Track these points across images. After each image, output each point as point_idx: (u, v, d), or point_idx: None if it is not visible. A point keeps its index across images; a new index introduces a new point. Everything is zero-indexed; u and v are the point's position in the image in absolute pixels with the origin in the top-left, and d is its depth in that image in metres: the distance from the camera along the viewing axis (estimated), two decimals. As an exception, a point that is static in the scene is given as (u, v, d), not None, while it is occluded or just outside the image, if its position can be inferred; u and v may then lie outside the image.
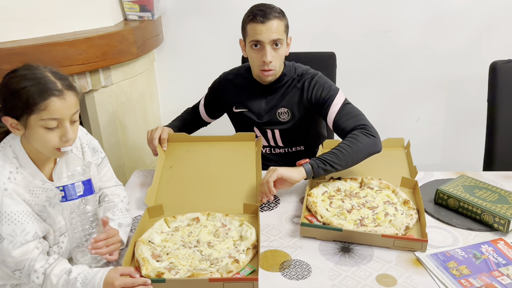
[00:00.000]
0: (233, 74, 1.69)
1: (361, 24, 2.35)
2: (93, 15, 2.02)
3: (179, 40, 2.47)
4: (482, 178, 1.47)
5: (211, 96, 1.75)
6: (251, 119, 1.64)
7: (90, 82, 1.96)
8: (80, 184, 1.06)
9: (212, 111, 1.77)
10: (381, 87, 2.49)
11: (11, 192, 1.04)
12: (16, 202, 1.04)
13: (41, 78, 1.02)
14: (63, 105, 1.03)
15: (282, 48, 1.50)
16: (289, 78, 1.58)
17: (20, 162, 1.08)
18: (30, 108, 1.00)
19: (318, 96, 1.52)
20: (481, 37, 2.33)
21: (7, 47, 1.70)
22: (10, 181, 1.05)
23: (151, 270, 1.07)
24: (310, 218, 1.27)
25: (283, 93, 1.59)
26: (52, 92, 1.01)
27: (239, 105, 1.66)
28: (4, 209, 1.02)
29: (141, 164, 2.38)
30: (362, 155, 1.39)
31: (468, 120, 2.51)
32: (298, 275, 1.08)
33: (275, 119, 1.60)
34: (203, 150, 1.57)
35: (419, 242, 1.13)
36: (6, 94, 1.02)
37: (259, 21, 1.45)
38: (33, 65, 1.06)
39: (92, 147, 1.27)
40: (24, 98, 1.00)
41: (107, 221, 1.15)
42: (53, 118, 1.02)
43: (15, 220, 1.03)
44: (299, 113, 1.59)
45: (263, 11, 1.45)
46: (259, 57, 1.49)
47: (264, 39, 1.46)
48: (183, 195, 1.41)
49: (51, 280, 1.02)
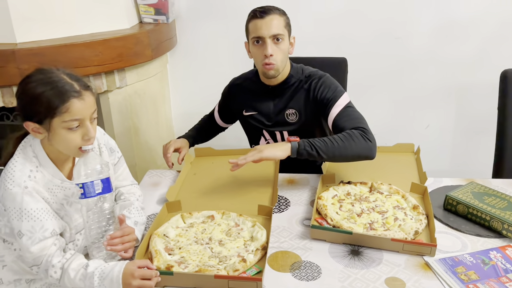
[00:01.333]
0: (242, 79, 1.73)
1: (372, 30, 2.37)
2: (109, 18, 2.06)
3: (192, 43, 2.51)
4: (491, 185, 1.48)
5: (223, 102, 1.79)
6: (261, 122, 1.66)
7: (105, 83, 2.00)
8: (99, 182, 1.09)
9: (226, 116, 1.81)
10: (392, 93, 2.50)
11: (31, 190, 1.07)
12: (36, 199, 1.08)
13: (58, 81, 1.05)
14: (83, 105, 1.06)
15: (283, 43, 1.51)
16: (296, 80, 1.60)
17: (40, 161, 1.11)
18: (52, 111, 1.03)
19: (323, 96, 1.53)
20: (491, 44, 2.34)
21: (25, 48, 1.75)
22: (30, 179, 1.08)
23: (162, 262, 1.11)
24: (320, 220, 1.29)
25: (291, 94, 1.61)
26: (71, 94, 1.04)
27: (249, 109, 1.68)
28: (25, 206, 1.06)
29: (152, 165, 2.41)
30: (352, 154, 1.39)
31: (478, 127, 2.52)
32: (308, 276, 1.10)
33: (283, 120, 1.63)
34: (226, 162, 1.62)
35: (428, 247, 1.15)
36: (26, 100, 1.05)
37: (259, 17, 1.49)
38: (46, 69, 1.08)
39: (109, 147, 1.30)
40: (45, 103, 1.03)
41: (123, 219, 1.18)
42: (74, 119, 1.05)
43: (35, 217, 1.07)
44: (306, 114, 1.60)
45: (262, 8, 1.51)
46: (260, 52, 1.51)
47: (264, 34, 1.48)
48: (201, 196, 1.46)
49: (68, 274, 1.06)
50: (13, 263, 1.18)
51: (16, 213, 1.06)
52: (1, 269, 1.18)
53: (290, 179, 1.58)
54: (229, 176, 1.57)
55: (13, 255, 1.18)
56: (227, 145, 1.94)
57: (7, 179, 1.07)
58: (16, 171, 1.08)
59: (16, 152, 1.12)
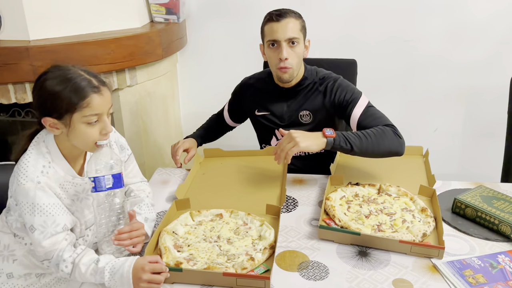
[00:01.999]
0: (255, 79, 1.73)
1: (382, 32, 2.37)
2: (121, 17, 2.09)
3: (202, 43, 2.52)
4: (500, 189, 1.48)
5: (234, 101, 1.80)
6: (273, 122, 1.67)
7: (116, 81, 2.02)
8: (110, 177, 1.11)
9: (236, 116, 1.82)
10: (401, 95, 2.50)
11: (43, 185, 1.09)
12: (48, 195, 1.10)
13: (77, 77, 1.07)
14: (102, 100, 1.09)
15: (298, 47, 1.53)
16: (311, 82, 1.61)
17: (52, 157, 1.13)
18: (73, 106, 1.05)
19: (342, 98, 1.55)
20: (502, 49, 2.33)
21: (39, 45, 1.78)
22: (43, 175, 1.10)
23: (171, 259, 1.12)
24: (328, 221, 1.30)
25: (305, 96, 1.62)
26: (91, 89, 1.07)
27: (261, 109, 1.70)
28: (37, 201, 1.08)
29: (160, 163, 2.43)
30: (384, 150, 1.41)
31: (487, 131, 2.51)
32: (316, 276, 1.10)
33: (297, 121, 1.64)
34: (235, 162, 1.68)
35: (436, 249, 1.15)
36: (45, 96, 1.07)
37: (275, 20, 1.50)
38: (63, 65, 1.10)
39: (120, 145, 1.32)
40: (66, 98, 1.05)
41: (133, 214, 1.20)
42: (94, 114, 1.08)
43: (47, 212, 1.08)
44: (320, 116, 1.62)
45: (278, 11, 1.51)
46: (276, 55, 1.53)
47: (280, 37, 1.49)
48: (210, 194, 1.48)
49: (79, 269, 1.07)
50: (24, 257, 1.20)
51: (28, 207, 1.08)
52: (11, 263, 1.20)
53: (298, 179, 1.59)
54: (238, 176, 1.58)
55: (23, 250, 1.19)
56: (235, 145, 1.96)
57: (20, 174, 1.08)
58: (29, 166, 1.09)
59: (29, 147, 1.14)
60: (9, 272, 1.20)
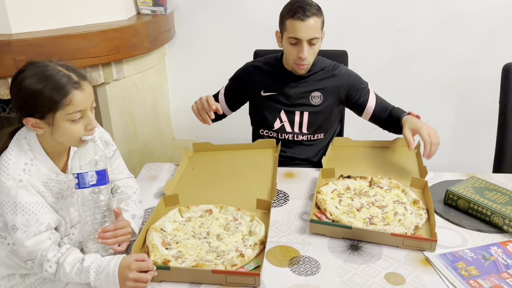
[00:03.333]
0: (261, 62, 1.73)
1: (373, 23, 2.35)
2: (106, 9, 2.04)
3: (191, 35, 2.48)
4: (492, 180, 1.47)
5: (235, 84, 1.76)
6: (281, 102, 1.68)
7: (102, 75, 1.98)
8: (94, 173, 1.08)
9: (233, 101, 1.77)
10: (392, 87, 2.48)
11: (26, 183, 1.05)
12: (31, 193, 1.06)
13: (56, 74, 1.03)
14: (84, 95, 1.05)
15: (317, 45, 1.56)
16: (318, 66, 1.65)
17: (35, 155, 1.10)
18: (55, 105, 1.02)
19: (356, 85, 1.67)
20: (492, 39, 2.32)
21: (22, 38, 1.73)
22: (25, 173, 1.06)
23: (159, 257, 1.10)
24: (319, 215, 1.28)
25: (317, 78, 1.65)
26: (72, 86, 1.03)
27: (268, 89, 1.69)
28: (19, 199, 1.04)
29: (150, 158, 2.40)
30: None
31: (479, 122, 2.50)
32: (307, 271, 1.08)
33: (307, 102, 1.66)
34: (225, 156, 1.66)
35: (428, 242, 1.14)
36: (25, 96, 1.02)
37: (299, 19, 1.48)
38: (39, 61, 1.06)
39: (104, 140, 1.28)
40: (48, 97, 1.01)
41: (119, 212, 1.16)
42: (78, 111, 1.04)
43: (29, 211, 1.05)
44: (330, 98, 1.67)
45: (302, 8, 1.49)
46: (295, 52, 1.54)
47: (303, 37, 1.50)
48: (200, 190, 1.45)
49: (64, 268, 1.04)
50: (7, 258, 1.16)
51: (10, 206, 1.04)
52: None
53: (289, 173, 1.57)
54: (228, 170, 1.56)
55: (6, 250, 1.16)
56: (225, 138, 1.93)
57: (1, 173, 1.05)
58: (10, 164, 1.06)
59: (10, 145, 1.10)
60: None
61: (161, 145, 2.54)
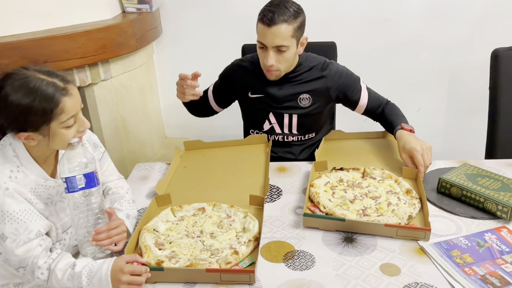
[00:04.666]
0: (248, 61, 1.67)
1: (361, 13, 2.33)
2: (90, 8, 2.01)
3: (178, 32, 2.45)
4: (485, 166, 1.47)
5: (222, 83, 1.72)
6: (269, 104, 1.64)
7: (89, 75, 1.95)
8: (82, 177, 1.06)
9: (221, 99, 1.74)
10: (382, 76, 2.48)
11: (12, 191, 1.03)
12: (18, 201, 1.04)
13: (41, 84, 1.00)
14: (73, 100, 1.04)
15: (288, 52, 1.47)
16: (306, 66, 1.59)
17: (21, 161, 1.07)
18: (48, 117, 1.00)
19: (348, 84, 1.61)
20: (482, 24, 2.32)
21: (5, 42, 1.70)
22: (11, 180, 1.04)
23: (152, 258, 1.08)
24: (312, 208, 1.27)
25: (305, 80, 1.60)
26: (60, 93, 1.01)
27: (255, 91, 1.65)
28: (6, 208, 1.02)
29: (142, 158, 2.38)
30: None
31: (470, 108, 2.51)
32: (302, 265, 1.08)
33: (295, 105, 1.62)
34: (217, 153, 1.65)
35: (422, 231, 1.13)
36: (15, 113, 0.99)
37: (265, 23, 1.42)
38: (16, 72, 1.01)
39: (92, 143, 1.27)
40: (39, 110, 0.99)
41: (112, 212, 1.15)
42: (71, 116, 1.03)
43: (18, 219, 1.03)
44: (320, 100, 1.62)
45: (272, 13, 1.41)
46: (263, 56, 1.50)
47: (268, 43, 1.45)
48: (192, 188, 1.43)
49: (56, 275, 1.03)
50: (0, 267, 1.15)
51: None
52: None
53: (281, 167, 1.56)
54: (220, 167, 1.55)
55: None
56: (216, 135, 1.91)
57: None
58: None
59: None
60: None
61: (152, 144, 2.52)
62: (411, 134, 1.46)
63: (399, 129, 1.50)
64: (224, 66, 1.73)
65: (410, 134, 1.47)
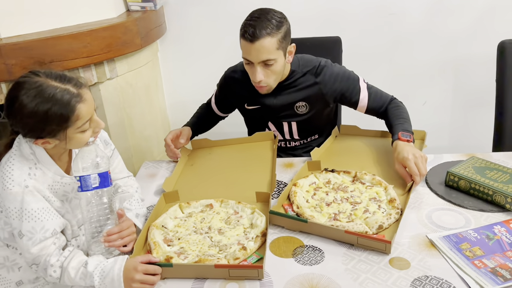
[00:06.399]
0: (239, 72, 1.61)
1: (366, 7, 2.32)
2: (95, 7, 2.01)
3: (182, 29, 2.45)
4: (492, 158, 1.46)
5: (220, 93, 1.72)
6: (266, 114, 1.63)
7: (95, 74, 1.96)
8: (96, 176, 1.07)
9: (223, 107, 1.75)
10: (387, 70, 2.47)
11: (32, 189, 1.05)
12: (37, 199, 1.05)
13: (55, 92, 1.00)
14: (88, 105, 1.05)
15: (275, 65, 1.42)
16: (299, 72, 1.55)
17: (38, 159, 1.09)
18: (65, 124, 1.02)
19: (341, 86, 1.54)
20: (487, 16, 2.30)
21: (12, 42, 1.70)
22: (30, 178, 1.05)
23: (161, 254, 1.09)
24: (286, 207, 1.27)
25: (300, 87, 1.56)
26: (75, 100, 1.02)
27: (251, 103, 1.63)
28: (25, 206, 1.03)
29: (148, 156, 2.38)
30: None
31: (476, 101, 2.49)
32: (311, 260, 1.08)
33: (292, 113, 1.60)
34: (224, 151, 1.65)
35: (382, 243, 1.07)
36: (32, 122, 1.00)
37: (248, 40, 1.36)
38: (26, 80, 1.01)
39: (103, 140, 1.28)
40: (56, 119, 1.00)
41: (122, 213, 1.16)
42: (86, 121, 1.05)
43: (35, 218, 1.04)
44: (318, 105, 1.59)
45: (253, 28, 1.35)
46: (251, 72, 1.46)
47: (253, 59, 1.40)
48: (199, 185, 1.44)
49: (68, 273, 1.04)
50: None
51: (16, 213, 1.04)
52: (18, 271, 1.19)
53: (288, 163, 1.56)
54: (227, 164, 1.55)
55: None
56: (223, 132, 1.92)
57: (6, 179, 1.04)
58: (14, 170, 1.05)
59: (12, 150, 1.09)
60: (18, 280, 1.19)
61: (159, 142, 2.52)
62: (407, 144, 1.36)
63: (396, 139, 1.40)
64: (228, 64, 1.72)
65: (406, 144, 1.36)
